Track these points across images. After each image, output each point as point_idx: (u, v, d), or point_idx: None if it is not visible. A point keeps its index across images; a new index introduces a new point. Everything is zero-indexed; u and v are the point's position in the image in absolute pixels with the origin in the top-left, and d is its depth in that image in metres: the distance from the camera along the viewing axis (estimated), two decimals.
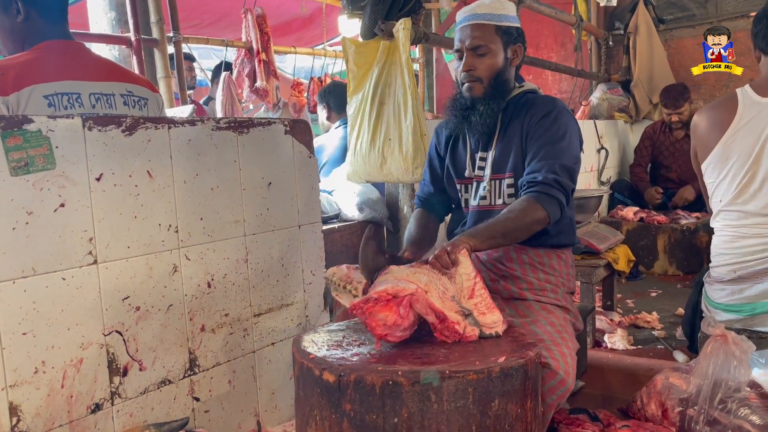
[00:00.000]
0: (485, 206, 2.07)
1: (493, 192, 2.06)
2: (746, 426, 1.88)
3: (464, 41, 2.01)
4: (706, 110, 2.41)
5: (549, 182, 1.85)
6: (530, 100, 2.06)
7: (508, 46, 2.03)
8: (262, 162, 2.06)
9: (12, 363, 1.45)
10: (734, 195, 2.27)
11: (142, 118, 1.72)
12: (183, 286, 1.82)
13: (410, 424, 1.37)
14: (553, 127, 1.95)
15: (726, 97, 2.35)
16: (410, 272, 1.65)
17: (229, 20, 5.79)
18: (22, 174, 1.46)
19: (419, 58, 5.84)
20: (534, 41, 6.52)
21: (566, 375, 1.70)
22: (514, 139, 2.02)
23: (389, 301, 1.54)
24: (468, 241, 1.73)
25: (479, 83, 2.01)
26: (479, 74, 2.01)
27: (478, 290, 1.68)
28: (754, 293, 2.23)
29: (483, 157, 2.09)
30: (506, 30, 2.01)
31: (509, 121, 2.05)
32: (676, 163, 4.93)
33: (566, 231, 2.07)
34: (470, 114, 2.03)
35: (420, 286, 1.58)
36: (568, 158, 1.92)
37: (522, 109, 2.04)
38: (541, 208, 1.83)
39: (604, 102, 5.80)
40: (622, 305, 3.57)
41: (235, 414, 1.99)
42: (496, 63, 2.01)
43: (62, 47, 1.91)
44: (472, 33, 1.99)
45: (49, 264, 1.51)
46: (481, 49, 1.99)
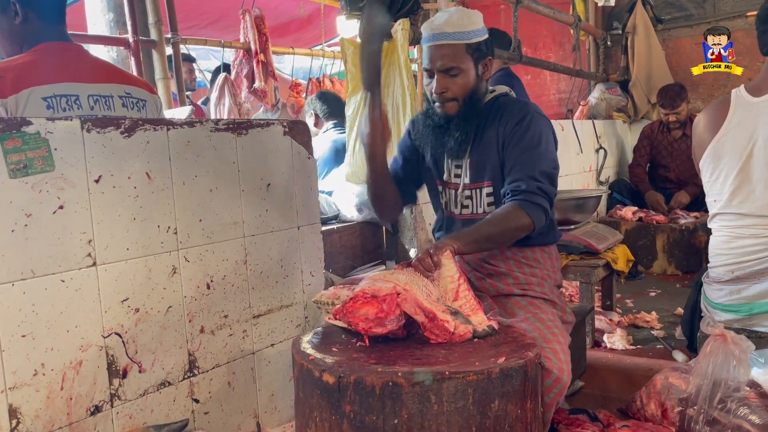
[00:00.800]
0: (467, 215, 2.09)
1: (475, 201, 2.07)
2: (746, 425, 1.89)
3: (435, 62, 1.96)
4: (705, 111, 2.45)
5: (533, 190, 1.88)
6: (502, 105, 2.04)
7: (479, 63, 1.99)
8: (261, 163, 2.06)
9: (11, 365, 1.45)
10: (729, 196, 2.29)
11: (140, 120, 1.72)
12: (182, 287, 1.82)
13: (410, 425, 1.37)
14: (527, 133, 1.95)
15: (724, 97, 2.37)
16: (388, 273, 1.64)
17: (227, 21, 5.79)
18: (20, 176, 1.45)
19: (417, 59, 5.83)
20: (532, 41, 6.53)
21: (561, 372, 1.70)
22: (490, 146, 2.01)
23: (369, 299, 1.55)
24: (452, 243, 1.75)
25: (454, 102, 1.99)
26: (453, 94, 1.98)
27: (462, 292, 1.68)
28: (752, 293, 2.24)
29: (458, 164, 2.08)
30: (476, 47, 1.97)
31: (483, 129, 2.04)
32: (674, 162, 4.93)
33: (547, 231, 2.07)
34: (443, 134, 2.02)
35: (399, 284, 1.57)
36: (547, 163, 1.94)
37: (495, 116, 2.03)
38: (525, 215, 1.86)
39: (602, 102, 5.81)
40: (622, 305, 3.58)
41: (234, 415, 1.99)
42: (468, 82, 1.98)
43: (60, 49, 1.90)
44: (443, 53, 1.95)
45: (48, 266, 1.51)
46: (453, 71, 1.95)
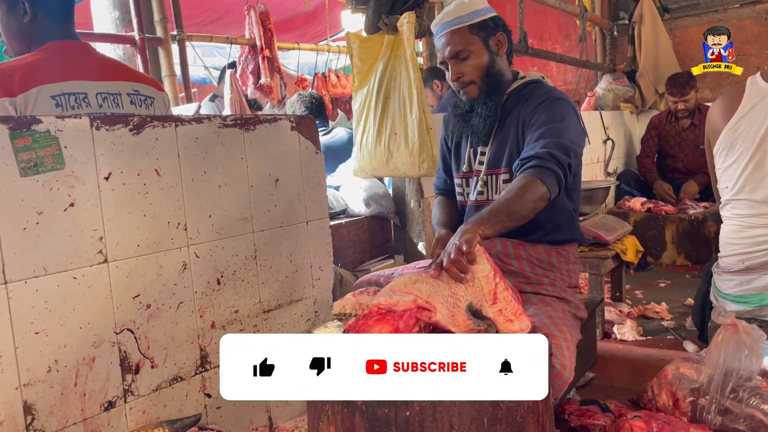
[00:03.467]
0: (482, 201, 2.07)
1: (490, 187, 2.06)
2: (758, 415, 1.88)
3: (444, 51, 2.02)
4: (719, 99, 2.45)
5: (542, 156, 1.77)
6: (530, 90, 2.03)
7: (488, 40, 2.00)
8: (269, 158, 2.06)
9: (25, 362, 1.46)
10: (742, 183, 2.27)
11: (149, 117, 1.73)
12: (193, 283, 1.83)
13: (422, 417, 1.37)
14: (549, 111, 1.89)
15: (738, 85, 2.38)
16: (410, 281, 1.46)
17: (232, 17, 5.79)
18: (31, 174, 1.46)
19: (423, 52, 5.81)
20: (538, 33, 6.49)
21: (563, 368, 1.68)
22: (511, 131, 2.01)
23: (384, 315, 1.40)
24: (477, 229, 1.60)
25: (473, 85, 2.02)
26: (469, 77, 2.01)
27: (500, 293, 1.49)
28: (763, 284, 2.23)
29: (483, 151, 2.09)
30: (481, 25, 1.99)
31: (508, 114, 2.04)
32: (682, 152, 4.90)
33: (566, 226, 2.03)
34: (470, 117, 2.05)
35: (421, 296, 1.40)
36: (565, 137, 1.83)
37: (520, 101, 2.02)
38: (540, 182, 1.73)
39: (609, 93, 5.77)
40: (631, 296, 3.57)
41: (246, 410, 2.00)
42: (481, 61, 2.00)
43: (68, 47, 1.91)
44: (448, 41, 2.00)
45: (60, 263, 1.52)
46: (462, 54, 1.98)
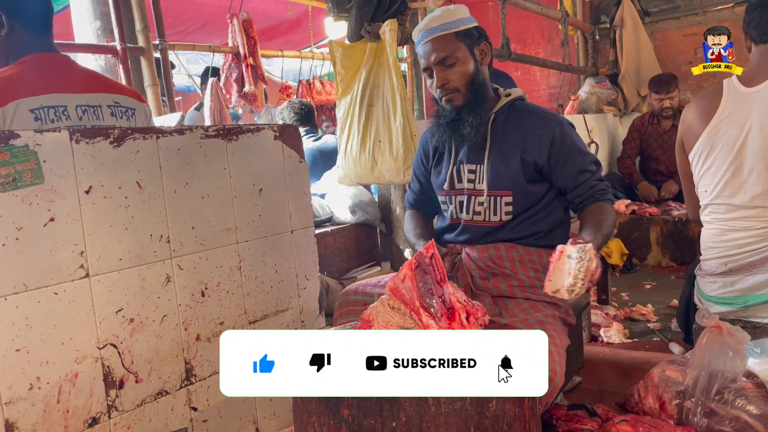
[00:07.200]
0: (479, 221, 2.08)
1: (490, 208, 2.05)
2: (743, 416, 1.89)
3: (429, 58, 1.99)
4: (694, 101, 2.45)
5: (603, 188, 2.04)
6: (524, 113, 2.05)
7: (473, 48, 2.01)
8: (253, 168, 2.05)
9: (6, 380, 1.44)
10: (721, 187, 2.28)
11: (129, 129, 1.71)
12: (176, 296, 1.81)
13: (409, 427, 1.37)
14: (570, 145, 2.03)
15: (714, 87, 2.37)
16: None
17: (214, 26, 5.78)
18: (10, 190, 1.44)
19: (407, 58, 5.83)
20: (521, 37, 6.54)
21: (553, 374, 1.69)
22: (512, 155, 2.01)
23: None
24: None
25: (458, 93, 2.00)
26: (454, 85, 1.99)
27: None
28: (746, 286, 2.24)
29: (472, 169, 2.08)
30: (466, 33, 1.99)
31: (502, 134, 2.03)
32: (664, 155, 4.93)
33: (559, 233, 2.08)
34: (459, 125, 2.02)
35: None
36: (591, 158, 2.07)
37: (517, 123, 2.03)
38: (612, 209, 2.02)
39: (592, 96, 5.82)
40: (617, 298, 3.58)
41: (233, 422, 1.98)
42: (467, 69, 1.99)
43: (47, 60, 1.90)
44: (434, 47, 1.97)
45: (40, 279, 1.50)
46: (448, 60, 1.97)
